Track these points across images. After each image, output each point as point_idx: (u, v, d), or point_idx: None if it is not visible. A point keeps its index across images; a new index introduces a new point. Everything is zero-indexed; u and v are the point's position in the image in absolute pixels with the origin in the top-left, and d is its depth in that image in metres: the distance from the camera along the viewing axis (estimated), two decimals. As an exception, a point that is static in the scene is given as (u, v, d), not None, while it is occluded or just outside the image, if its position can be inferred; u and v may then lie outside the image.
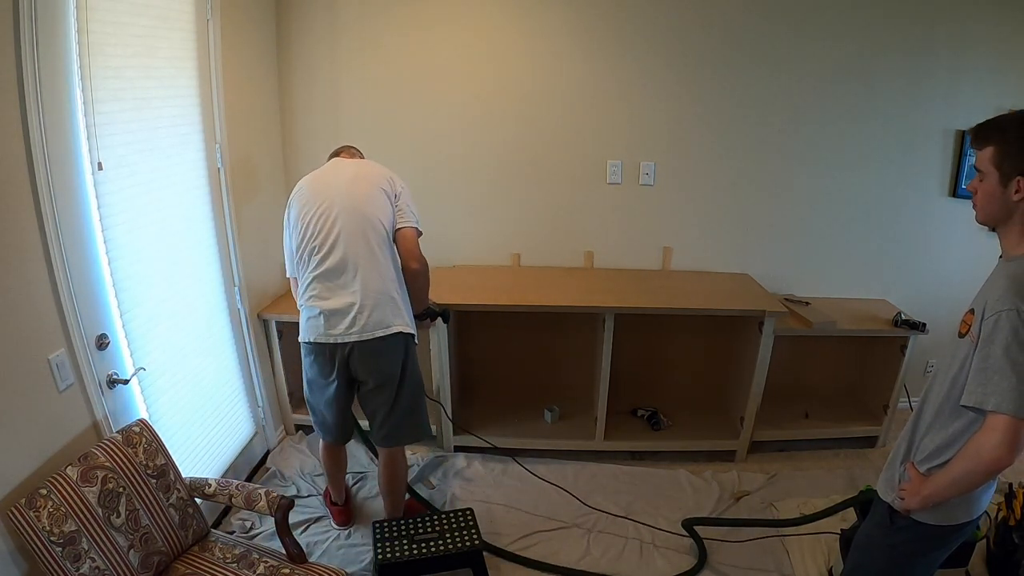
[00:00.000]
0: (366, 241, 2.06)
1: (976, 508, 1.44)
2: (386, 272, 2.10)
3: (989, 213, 1.35)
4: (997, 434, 1.22)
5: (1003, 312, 1.23)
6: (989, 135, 1.31)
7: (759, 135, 3.01)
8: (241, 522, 2.46)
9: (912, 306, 3.07)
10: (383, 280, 2.09)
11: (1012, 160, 1.27)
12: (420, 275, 2.19)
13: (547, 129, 3.02)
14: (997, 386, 1.22)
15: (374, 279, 2.07)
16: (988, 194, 1.32)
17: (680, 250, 3.21)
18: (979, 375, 1.25)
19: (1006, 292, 1.25)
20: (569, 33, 2.89)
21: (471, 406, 3.20)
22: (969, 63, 2.87)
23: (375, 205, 2.09)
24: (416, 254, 2.15)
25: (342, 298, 2.06)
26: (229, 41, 2.46)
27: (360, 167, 2.21)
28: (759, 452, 3.05)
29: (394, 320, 2.11)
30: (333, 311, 2.06)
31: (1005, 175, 1.28)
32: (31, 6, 1.52)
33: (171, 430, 2.17)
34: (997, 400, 1.21)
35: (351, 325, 2.05)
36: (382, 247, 2.10)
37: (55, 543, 1.48)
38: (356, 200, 2.08)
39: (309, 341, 2.12)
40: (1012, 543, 2.10)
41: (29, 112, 1.55)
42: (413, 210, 2.19)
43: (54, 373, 1.66)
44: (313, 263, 2.08)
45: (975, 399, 1.25)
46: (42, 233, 1.62)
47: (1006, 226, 1.34)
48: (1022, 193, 1.27)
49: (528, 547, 2.41)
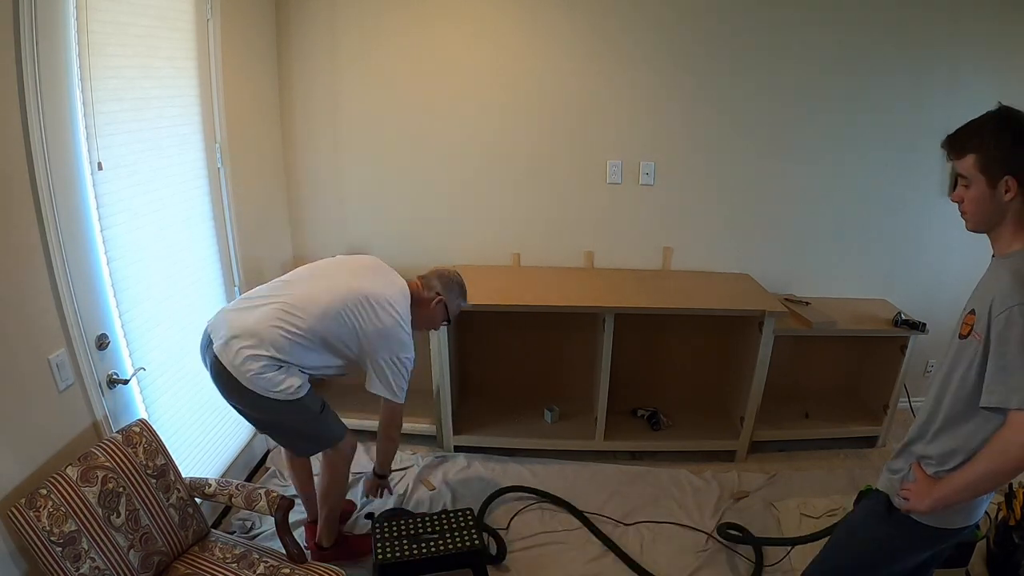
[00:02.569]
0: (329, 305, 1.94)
1: (976, 514, 1.42)
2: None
3: (982, 219, 1.33)
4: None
5: (1014, 307, 1.21)
6: (966, 142, 1.30)
7: (759, 135, 3.01)
8: (241, 522, 2.46)
9: (912, 306, 3.07)
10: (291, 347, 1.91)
11: (996, 161, 1.26)
12: (393, 441, 2.19)
13: (547, 129, 3.02)
14: (1019, 382, 1.19)
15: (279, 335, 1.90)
16: (978, 200, 1.31)
17: (680, 250, 3.21)
18: (998, 374, 1.22)
19: (1013, 288, 1.23)
20: (569, 33, 2.89)
21: (471, 406, 3.20)
22: (969, 63, 2.87)
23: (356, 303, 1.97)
24: (392, 422, 2.14)
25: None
26: (229, 41, 2.46)
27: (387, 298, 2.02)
28: (759, 452, 3.05)
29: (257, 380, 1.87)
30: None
31: (992, 177, 1.27)
32: (31, 6, 1.52)
33: (171, 430, 2.17)
34: (1021, 397, 1.19)
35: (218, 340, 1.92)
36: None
37: (55, 543, 1.48)
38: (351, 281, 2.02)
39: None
40: (1012, 543, 2.10)
41: (29, 112, 1.55)
42: (387, 376, 2.01)
43: (54, 373, 1.66)
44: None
45: (997, 399, 1.22)
46: (42, 233, 1.62)
47: (998, 229, 1.32)
48: (1013, 191, 1.26)
49: (529, 547, 2.41)
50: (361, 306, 1.96)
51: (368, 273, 2.10)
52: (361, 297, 1.97)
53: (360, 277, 2.06)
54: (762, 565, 2.31)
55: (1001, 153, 1.25)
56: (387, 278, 2.10)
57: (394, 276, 2.14)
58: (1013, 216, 1.29)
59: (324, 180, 3.12)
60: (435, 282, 2.19)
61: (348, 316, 1.95)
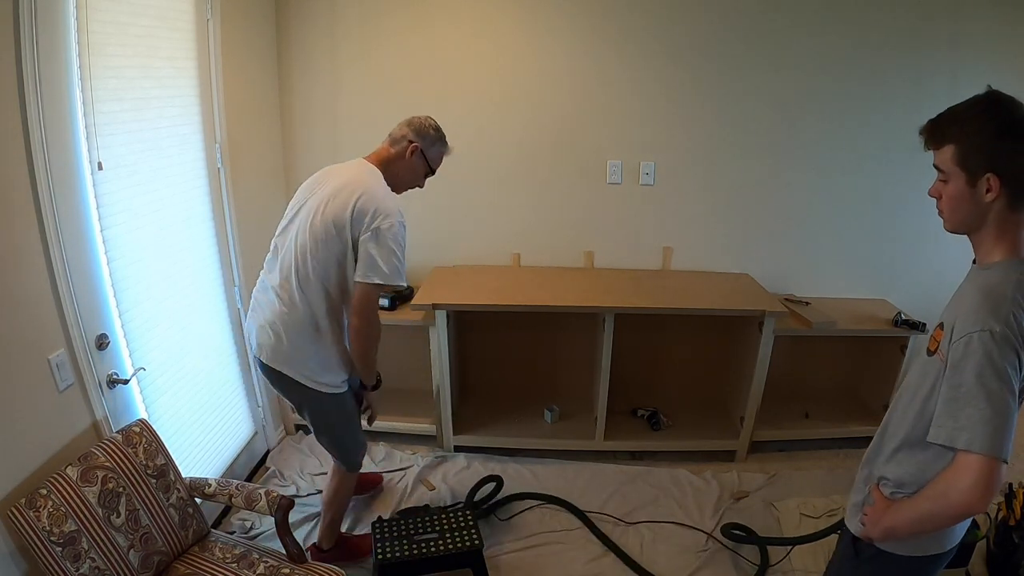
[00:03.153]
0: (303, 269, 1.84)
1: (950, 540, 1.27)
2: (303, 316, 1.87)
3: (959, 219, 1.17)
4: (969, 475, 1.03)
5: (974, 334, 1.06)
6: (945, 131, 1.13)
7: (759, 135, 3.00)
8: (241, 522, 2.46)
9: (912, 306, 3.07)
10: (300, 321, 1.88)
11: (977, 154, 1.09)
12: (359, 332, 1.88)
13: (547, 129, 3.02)
14: (969, 419, 1.04)
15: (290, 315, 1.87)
16: (955, 197, 1.14)
17: (680, 250, 3.21)
18: (949, 406, 1.08)
19: (978, 309, 1.07)
20: (569, 33, 2.89)
21: (471, 406, 3.21)
22: (970, 62, 2.87)
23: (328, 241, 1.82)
24: (357, 309, 1.84)
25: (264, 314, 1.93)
26: (229, 41, 2.46)
27: (347, 184, 1.85)
28: (759, 452, 3.05)
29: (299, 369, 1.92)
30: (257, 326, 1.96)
31: (972, 173, 1.10)
32: (31, 6, 1.52)
33: (171, 430, 2.17)
34: (969, 437, 1.04)
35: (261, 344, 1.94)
36: (310, 285, 1.85)
37: (55, 543, 1.48)
38: (315, 223, 1.82)
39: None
40: (1012, 543, 2.10)
41: (29, 112, 1.55)
42: (378, 259, 1.79)
43: (54, 373, 1.66)
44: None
45: (944, 435, 1.08)
46: (42, 233, 1.62)
47: (978, 233, 1.16)
48: (994, 192, 1.09)
49: (529, 547, 2.41)
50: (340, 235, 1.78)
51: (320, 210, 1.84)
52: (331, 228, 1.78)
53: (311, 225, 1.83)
54: (767, 564, 2.31)
55: (982, 145, 1.08)
56: (337, 182, 1.87)
57: (346, 170, 1.92)
58: (996, 220, 1.12)
59: (324, 180, 3.11)
60: (405, 131, 1.98)
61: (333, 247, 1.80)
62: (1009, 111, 1.07)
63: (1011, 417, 1.04)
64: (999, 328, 1.05)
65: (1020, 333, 1.06)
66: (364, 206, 1.79)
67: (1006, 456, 1.03)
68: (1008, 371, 1.05)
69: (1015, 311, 1.07)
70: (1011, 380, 1.05)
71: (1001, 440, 1.03)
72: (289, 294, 1.87)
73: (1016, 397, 1.06)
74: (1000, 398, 1.04)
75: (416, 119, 2.02)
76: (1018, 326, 1.06)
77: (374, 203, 1.80)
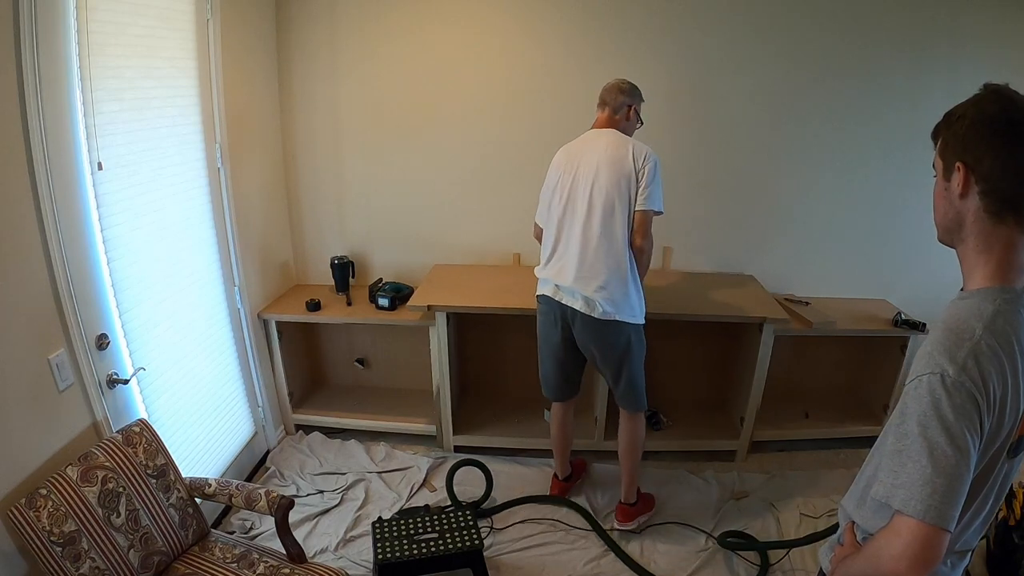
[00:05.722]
0: (606, 220, 2.17)
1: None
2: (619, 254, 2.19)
3: (938, 220, 1.06)
4: (900, 542, 0.90)
5: (923, 376, 0.92)
6: (938, 126, 1.05)
7: (758, 135, 3.00)
8: (241, 522, 2.46)
9: (912, 306, 3.07)
10: (616, 262, 2.18)
11: (952, 143, 0.99)
12: (643, 252, 2.23)
13: (547, 129, 3.02)
14: (909, 477, 0.91)
15: (605, 260, 2.18)
16: (935, 194, 1.05)
17: (680, 250, 3.20)
18: (892, 460, 0.95)
19: (935, 347, 0.94)
20: (569, 34, 2.89)
21: (471, 406, 3.20)
22: (969, 61, 2.86)
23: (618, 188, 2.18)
24: (642, 231, 2.21)
25: (571, 271, 2.20)
26: (229, 41, 2.46)
27: (608, 147, 2.22)
28: (759, 452, 3.05)
29: (617, 309, 2.19)
30: (563, 279, 2.22)
31: (947, 165, 1.00)
32: (31, 6, 1.52)
33: (171, 430, 2.17)
34: (904, 496, 0.90)
35: (576, 296, 2.21)
36: (614, 228, 2.18)
37: (55, 543, 1.48)
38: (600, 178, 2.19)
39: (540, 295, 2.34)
40: (1012, 543, 2.10)
41: (29, 112, 1.55)
42: (652, 191, 2.21)
43: (54, 373, 1.67)
44: (553, 230, 2.26)
45: (883, 491, 0.94)
46: (42, 233, 1.62)
47: (960, 248, 1.04)
48: (961, 184, 0.97)
49: (529, 547, 2.41)
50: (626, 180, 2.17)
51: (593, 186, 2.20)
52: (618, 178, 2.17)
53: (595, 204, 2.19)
54: (767, 565, 2.31)
55: (957, 132, 0.98)
56: (599, 143, 2.23)
57: (599, 137, 2.26)
58: (976, 231, 0.99)
59: (324, 180, 3.12)
60: (619, 98, 2.31)
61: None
62: (996, 103, 0.97)
63: (958, 479, 0.89)
64: (952, 372, 0.90)
65: (982, 379, 0.90)
66: (637, 153, 2.20)
67: (946, 524, 0.88)
68: (958, 424, 0.89)
69: (978, 353, 0.91)
70: (962, 435, 0.89)
71: (940, 504, 0.88)
72: (603, 243, 2.17)
73: (969, 455, 0.90)
74: (944, 455, 0.89)
75: (616, 85, 2.33)
76: (979, 370, 0.90)
77: (643, 150, 2.21)
